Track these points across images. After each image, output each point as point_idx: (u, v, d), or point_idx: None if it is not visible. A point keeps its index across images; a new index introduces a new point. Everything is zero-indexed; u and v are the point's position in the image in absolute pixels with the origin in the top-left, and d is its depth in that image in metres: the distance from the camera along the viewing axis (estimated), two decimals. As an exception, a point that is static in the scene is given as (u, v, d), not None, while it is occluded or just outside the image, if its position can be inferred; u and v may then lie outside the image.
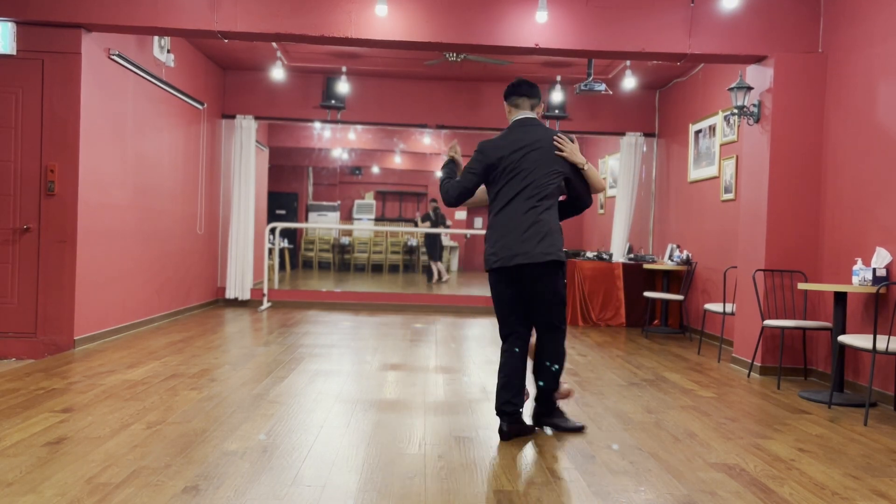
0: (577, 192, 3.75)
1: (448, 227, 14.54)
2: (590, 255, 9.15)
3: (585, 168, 3.71)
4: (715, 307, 6.48)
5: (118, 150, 6.30)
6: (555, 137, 3.67)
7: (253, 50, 8.29)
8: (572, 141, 3.72)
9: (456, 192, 3.73)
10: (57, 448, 3.20)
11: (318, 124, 9.98)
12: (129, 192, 6.56)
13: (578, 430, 3.78)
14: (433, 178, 18.57)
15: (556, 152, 3.64)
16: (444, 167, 3.86)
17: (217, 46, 8.13)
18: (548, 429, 3.82)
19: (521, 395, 3.69)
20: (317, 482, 2.89)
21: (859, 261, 4.88)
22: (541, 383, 3.75)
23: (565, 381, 4.07)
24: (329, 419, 3.87)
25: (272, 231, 10.46)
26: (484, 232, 3.99)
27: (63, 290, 5.56)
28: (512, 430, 3.61)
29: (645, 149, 9.53)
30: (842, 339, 4.50)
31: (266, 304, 9.26)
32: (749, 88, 5.77)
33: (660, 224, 9.29)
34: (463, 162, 3.87)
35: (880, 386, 4.74)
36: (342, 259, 17.12)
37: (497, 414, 3.66)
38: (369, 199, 19.02)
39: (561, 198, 3.80)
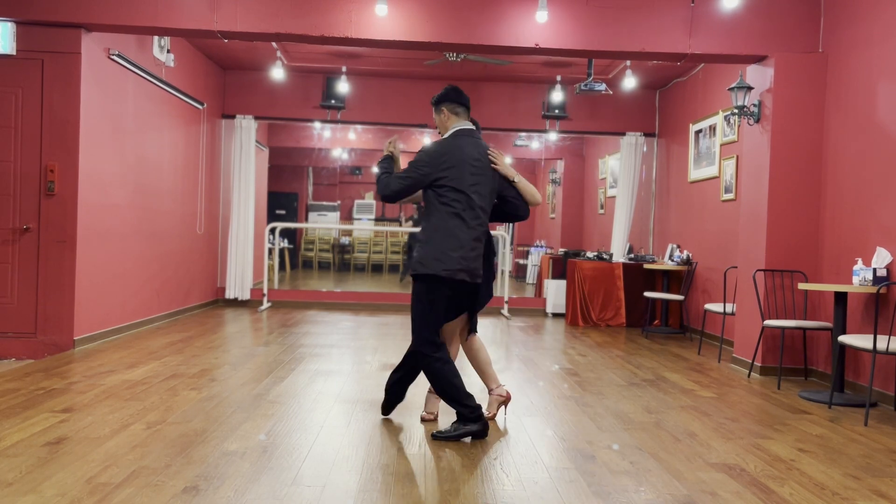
0: (514, 204, 3.81)
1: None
2: (590, 255, 9.15)
3: (516, 181, 3.77)
4: (715, 307, 6.48)
5: (118, 150, 6.30)
6: (489, 152, 3.74)
7: (253, 50, 8.29)
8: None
9: (398, 188, 3.71)
10: (57, 448, 3.20)
11: (318, 124, 9.98)
12: (128, 192, 6.56)
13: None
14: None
15: (492, 166, 3.71)
16: (381, 162, 3.83)
17: (217, 46, 8.13)
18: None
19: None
20: (317, 482, 2.89)
21: (859, 261, 4.88)
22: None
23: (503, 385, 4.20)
24: (329, 419, 3.87)
25: (272, 231, 10.45)
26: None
27: (63, 290, 5.56)
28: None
29: (645, 149, 9.53)
30: (842, 339, 4.49)
31: (266, 304, 9.25)
32: (749, 88, 5.77)
33: (660, 224, 9.29)
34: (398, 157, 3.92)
35: (880, 386, 4.74)
36: (342, 259, 17.11)
37: (478, 416, 3.64)
38: (369, 199, 19.01)
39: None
